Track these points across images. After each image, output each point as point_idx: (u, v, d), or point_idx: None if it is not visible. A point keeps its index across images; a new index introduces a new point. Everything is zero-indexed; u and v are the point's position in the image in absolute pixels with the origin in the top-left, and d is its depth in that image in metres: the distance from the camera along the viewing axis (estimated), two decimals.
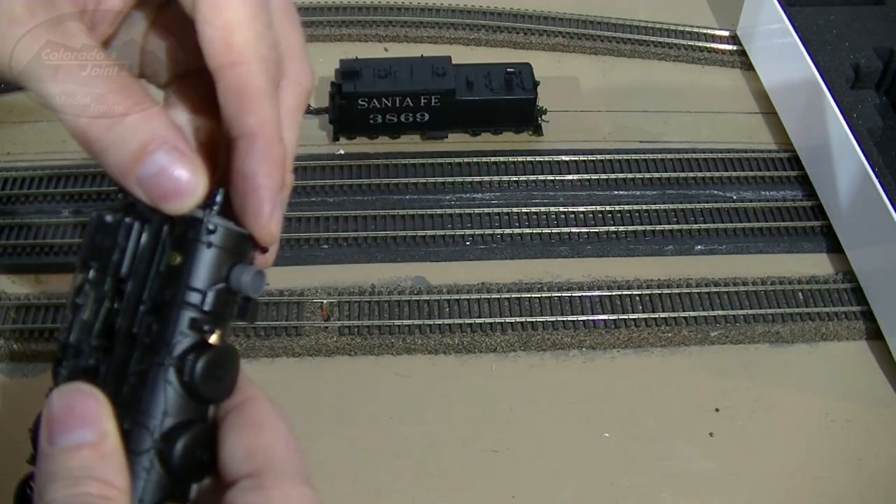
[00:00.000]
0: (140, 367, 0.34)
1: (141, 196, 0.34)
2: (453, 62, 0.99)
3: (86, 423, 0.33)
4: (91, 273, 0.36)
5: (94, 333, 0.35)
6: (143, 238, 0.35)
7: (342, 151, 0.99)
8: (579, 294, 0.87)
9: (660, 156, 0.99)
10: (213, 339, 0.35)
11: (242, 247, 0.36)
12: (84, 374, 0.35)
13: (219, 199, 0.35)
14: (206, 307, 0.35)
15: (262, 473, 0.34)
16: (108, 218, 0.36)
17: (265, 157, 0.35)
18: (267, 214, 0.35)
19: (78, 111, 0.33)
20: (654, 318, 0.85)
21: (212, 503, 0.35)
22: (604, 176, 0.97)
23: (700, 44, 1.11)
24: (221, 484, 0.35)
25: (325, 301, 0.85)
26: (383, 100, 0.96)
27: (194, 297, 0.35)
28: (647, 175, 0.97)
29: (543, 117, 1.01)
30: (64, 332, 0.36)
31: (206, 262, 0.35)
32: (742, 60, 1.10)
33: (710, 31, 1.13)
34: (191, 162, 0.34)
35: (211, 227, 0.35)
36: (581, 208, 0.94)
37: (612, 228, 0.93)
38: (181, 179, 0.33)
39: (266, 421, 0.36)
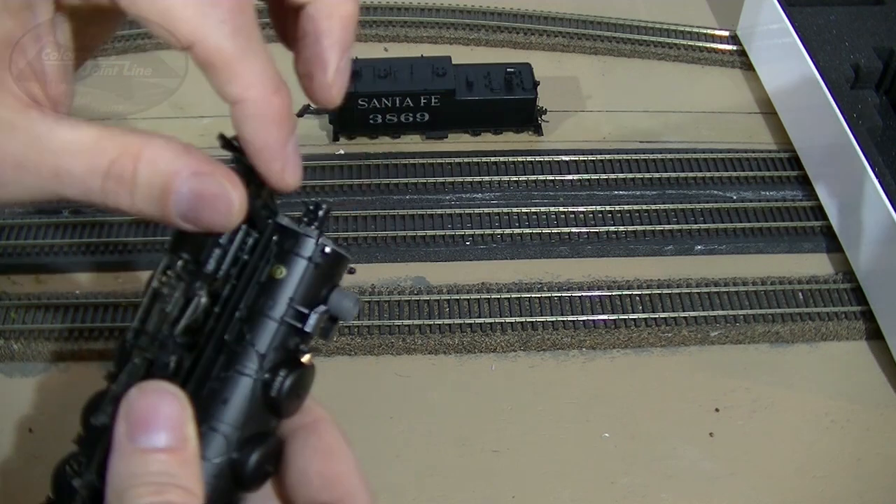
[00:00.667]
0: (226, 373, 0.34)
1: (188, 228, 0.33)
2: (453, 62, 0.99)
3: (170, 427, 0.32)
4: (179, 263, 0.35)
5: (180, 330, 0.35)
6: (248, 243, 0.35)
7: (342, 151, 0.99)
8: (579, 294, 0.87)
9: (660, 156, 0.99)
10: (305, 358, 0.35)
11: (341, 268, 0.35)
12: (162, 369, 0.35)
13: (321, 214, 0.35)
14: (308, 328, 0.34)
15: None
16: None
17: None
18: (333, 70, 0.36)
19: (94, 196, 0.33)
20: (654, 318, 0.85)
21: None
22: (604, 176, 0.97)
23: (700, 44, 1.11)
24: (284, 499, 0.35)
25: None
26: (383, 100, 0.96)
27: (296, 317, 0.34)
28: (647, 175, 0.97)
29: (543, 117, 1.01)
30: (140, 317, 0.35)
31: (311, 281, 0.34)
32: (742, 60, 1.10)
33: (710, 31, 1.13)
34: (217, 180, 0.33)
35: (327, 250, 0.34)
36: (581, 208, 0.94)
37: (612, 228, 0.93)
38: (217, 202, 0.33)
39: (341, 448, 0.36)
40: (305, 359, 0.35)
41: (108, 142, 0.33)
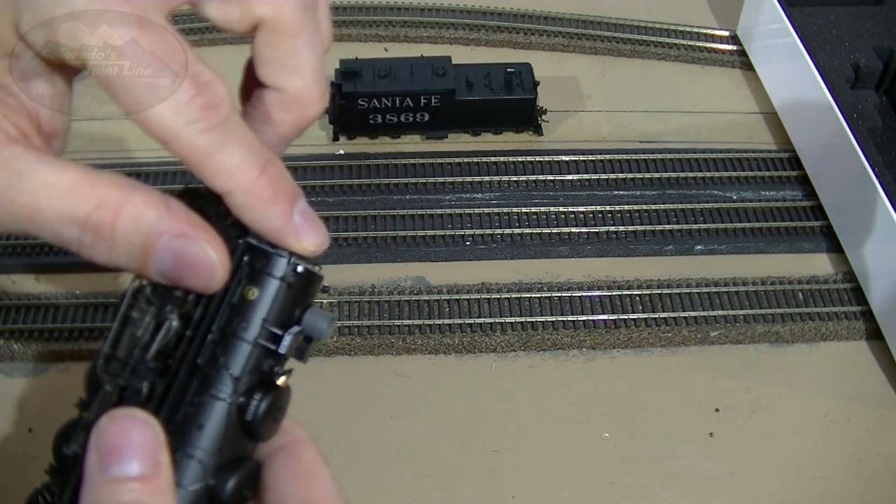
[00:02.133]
0: (199, 398, 0.33)
1: (168, 284, 0.34)
2: (453, 62, 0.99)
3: (142, 455, 0.32)
4: (149, 287, 0.34)
5: (152, 355, 0.34)
6: None
7: (342, 151, 0.99)
8: (579, 294, 0.87)
9: (660, 156, 0.99)
10: (280, 381, 0.35)
11: (314, 287, 0.35)
12: (134, 395, 0.34)
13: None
14: (282, 350, 0.34)
15: None
16: None
17: None
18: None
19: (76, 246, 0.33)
20: (654, 318, 0.85)
21: None
22: (604, 176, 0.97)
23: (700, 44, 1.11)
24: None
25: (324, 301, 0.85)
26: (383, 100, 0.96)
27: (270, 338, 0.34)
28: (647, 175, 0.97)
29: (543, 117, 1.01)
30: (111, 343, 0.35)
31: (284, 302, 0.34)
32: (742, 60, 1.10)
33: (710, 31, 1.13)
34: (199, 245, 0.33)
35: (300, 269, 0.34)
36: (581, 208, 0.94)
37: (612, 228, 0.93)
38: (199, 268, 0.33)
39: (318, 469, 0.36)
40: (281, 381, 0.35)
41: (88, 190, 0.32)
